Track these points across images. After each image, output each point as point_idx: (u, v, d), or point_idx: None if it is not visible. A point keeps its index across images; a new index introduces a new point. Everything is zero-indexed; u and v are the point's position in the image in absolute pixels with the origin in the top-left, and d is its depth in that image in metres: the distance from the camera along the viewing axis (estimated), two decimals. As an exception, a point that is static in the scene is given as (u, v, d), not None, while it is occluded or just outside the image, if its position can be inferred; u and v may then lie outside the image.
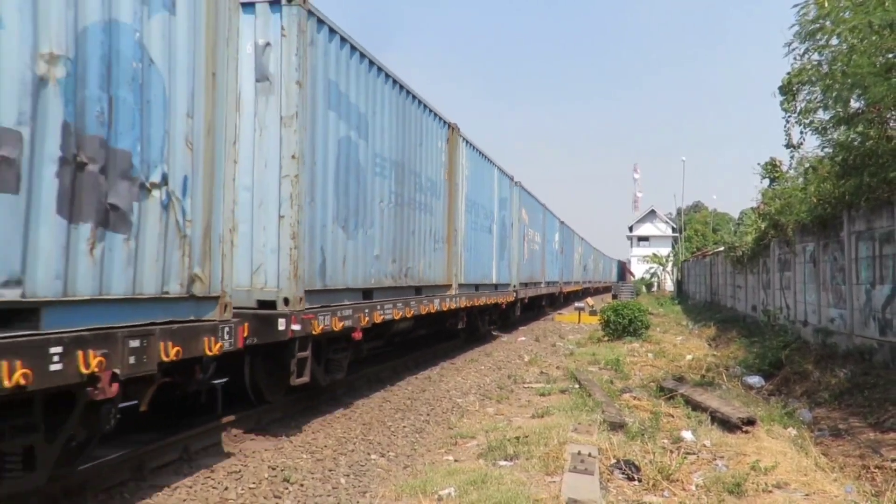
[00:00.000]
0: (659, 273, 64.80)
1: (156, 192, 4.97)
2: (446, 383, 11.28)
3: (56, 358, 3.97)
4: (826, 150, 12.17)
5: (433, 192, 11.99)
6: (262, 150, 7.20)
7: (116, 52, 4.56)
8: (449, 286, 13.06)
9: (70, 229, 4.18)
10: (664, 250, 68.64)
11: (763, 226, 18.13)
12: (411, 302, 10.66)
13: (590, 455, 5.93)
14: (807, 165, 14.10)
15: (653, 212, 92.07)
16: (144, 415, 5.57)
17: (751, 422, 7.56)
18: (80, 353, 4.13)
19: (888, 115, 9.73)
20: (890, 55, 8.65)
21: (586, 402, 8.76)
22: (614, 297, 41.78)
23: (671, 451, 6.50)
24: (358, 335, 8.73)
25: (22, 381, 3.67)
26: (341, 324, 8.06)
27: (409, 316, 10.49)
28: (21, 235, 3.85)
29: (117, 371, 4.43)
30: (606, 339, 17.49)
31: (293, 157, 7.21)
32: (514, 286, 19.57)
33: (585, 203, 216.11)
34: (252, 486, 5.81)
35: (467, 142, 14.32)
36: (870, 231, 10.58)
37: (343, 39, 8.34)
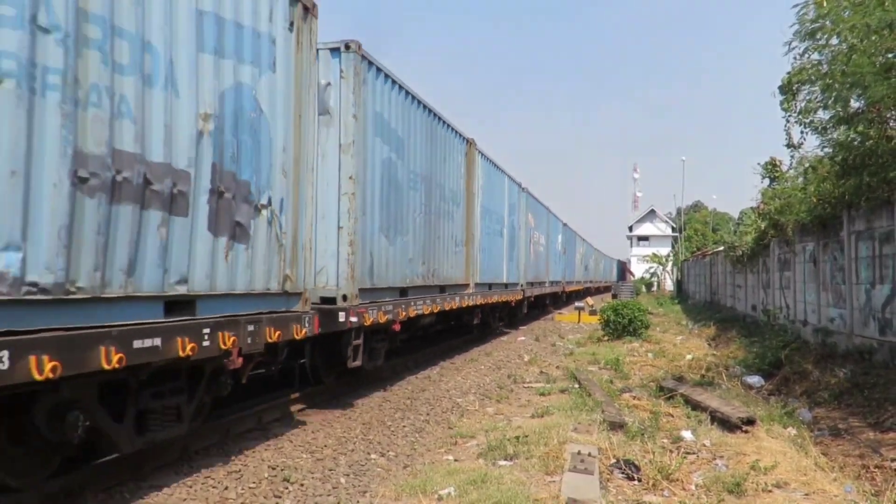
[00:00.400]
0: (659, 273, 64.81)
1: (264, 212, 6.50)
2: (446, 383, 11.29)
3: (206, 337, 5.44)
4: (826, 149, 12.17)
5: (454, 201, 13.47)
6: (323, 173, 8.40)
7: (241, 106, 6.09)
8: (467, 285, 14.52)
9: (214, 241, 5.73)
10: (664, 250, 68.71)
11: (763, 225, 18.13)
12: (437, 299, 12.07)
13: (589, 455, 5.93)
14: (807, 165, 14.09)
15: (653, 211, 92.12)
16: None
17: (750, 421, 7.57)
18: (220, 334, 5.62)
19: (888, 115, 9.73)
20: (890, 55, 8.65)
21: (586, 401, 8.76)
22: (614, 296, 41.81)
23: (671, 451, 6.50)
24: (397, 327, 10.14)
25: (190, 353, 5.21)
26: (385, 317, 9.44)
27: (435, 311, 11.99)
28: (188, 246, 5.40)
29: (241, 348, 5.94)
30: (606, 338, 17.50)
31: (350, 178, 8.65)
32: (522, 285, 20.86)
33: (585, 202, 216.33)
34: (252, 485, 5.81)
35: (482, 154, 15.74)
36: (869, 231, 10.59)
37: (386, 76, 9.78)
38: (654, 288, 65.24)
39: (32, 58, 4.01)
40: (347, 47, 8.62)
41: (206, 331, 5.45)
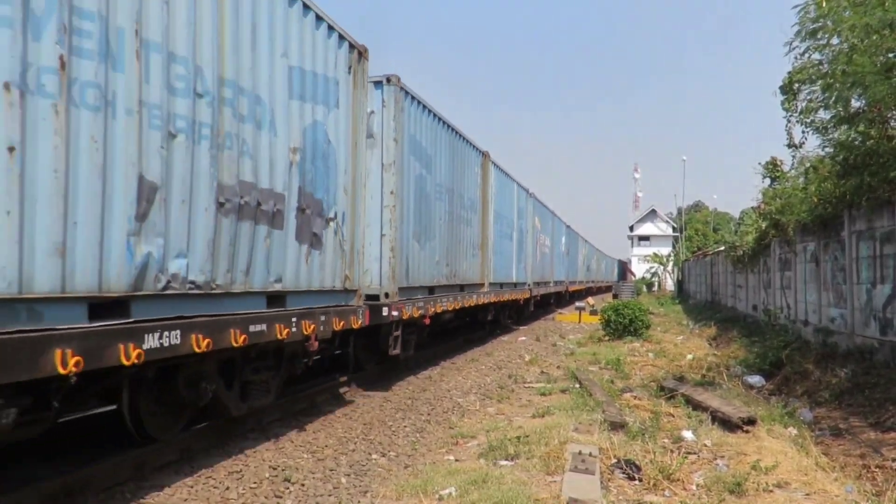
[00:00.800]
0: (659, 273, 64.76)
1: (331, 224, 8.00)
2: (447, 383, 11.29)
3: (294, 324, 6.92)
4: (827, 149, 12.17)
5: (472, 209, 14.99)
6: (369, 188, 9.42)
7: (316, 139, 7.58)
8: (482, 284, 16.03)
9: (299, 248, 7.21)
10: (665, 250, 68.63)
11: (764, 225, 18.12)
12: (458, 297, 13.59)
13: (590, 455, 5.93)
14: (807, 165, 14.08)
15: (653, 211, 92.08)
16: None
17: (751, 421, 7.56)
18: (303, 322, 7.11)
19: (889, 115, 9.73)
20: (890, 54, 8.64)
21: (587, 401, 8.76)
22: (615, 296, 41.81)
23: (672, 451, 6.50)
24: (427, 321, 11.64)
25: (285, 337, 6.70)
26: (418, 312, 10.93)
27: (457, 308, 13.54)
28: (283, 252, 6.91)
29: (317, 334, 7.40)
30: (607, 338, 17.49)
31: (391, 192, 10.06)
32: (529, 285, 22.33)
33: (586, 202, 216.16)
34: (253, 485, 5.82)
35: (495, 165, 17.17)
36: (870, 231, 10.58)
37: (419, 102, 11.19)
38: (655, 288, 65.23)
39: (193, 117, 5.51)
40: (388, 80, 10.11)
41: (294, 319, 6.96)
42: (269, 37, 6.60)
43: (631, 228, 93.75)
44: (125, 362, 4.69)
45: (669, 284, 60.23)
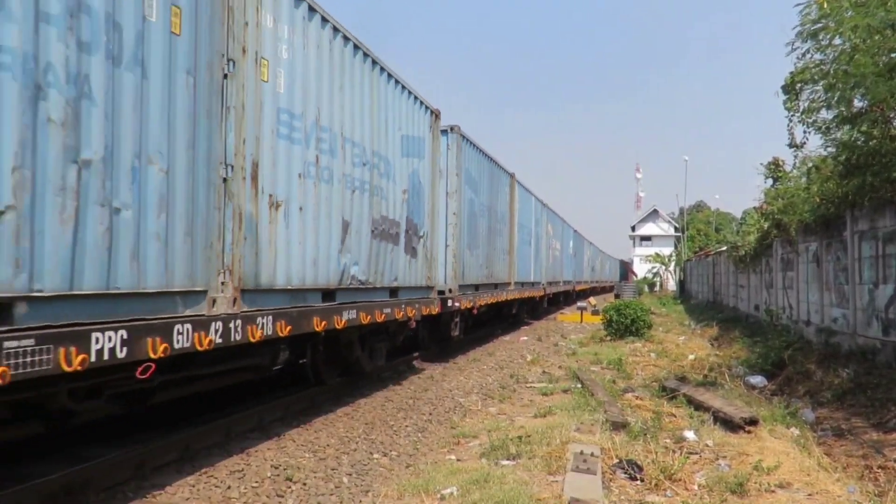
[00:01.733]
0: (661, 273, 64.70)
1: (422, 240, 11.21)
2: (448, 382, 11.29)
3: (403, 309, 10.09)
4: (829, 149, 12.14)
5: (502, 221, 18.35)
6: (438, 211, 12.42)
7: (413, 182, 10.81)
8: (509, 283, 19.29)
9: (406, 258, 10.29)
10: (667, 250, 68.57)
11: (766, 225, 18.09)
12: (494, 293, 16.99)
13: (592, 455, 5.93)
14: (810, 165, 14.06)
15: (655, 211, 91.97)
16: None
17: (753, 422, 7.55)
18: (408, 308, 10.28)
19: (891, 115, 9.71)
20: (892, 55, 8.62)
21: (588, 401, 8.76)
22: (617, 296, 41.80)
23: (673, 451, 6.49)
24: (475, 311, 14.99)
25: (400, 318, 9.98)
26: (469, 303, 14.26)
27: (493, 302, 16.88)
28: (398, 261, 10.05)
29: (414, 317, 10.72)
30: (609, 338, 17.48)
31: (454, 213, 13.41)
32: (543, 284, 25.44)
33: (588, 202, 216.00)
34: (255, 484, 5.82)
35: (519, 183, 20.64)
36: (873, 231, 10.56)
37: (470, 142, 14.60)
38: (657, 288, 65.15)
39: (362, 178, 8.80)
40: (452, 129, 13.41)
41: (404, 306, 10.17)
42: (393, 118, 9.90)
43: (633, 228, 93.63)
44: (338, 326, 7.92)
45: (671, 284, 60.19)
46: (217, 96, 5.82)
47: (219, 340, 5.65)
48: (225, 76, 5.91)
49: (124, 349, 4.60)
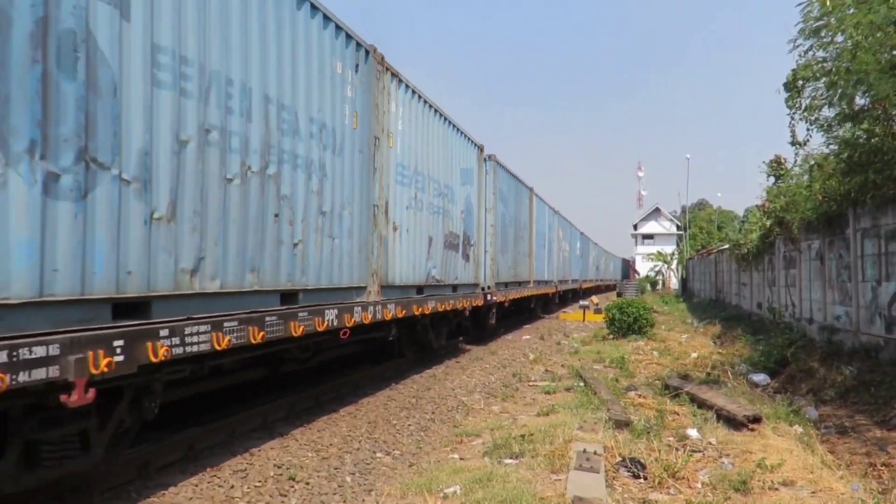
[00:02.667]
0: (663, 271, 64.61)
1: (471, 248, 14.44)
2: (451, 381, 11.29)
3: (462, 300, 13.36)
4: (831, 147, 12.13)
5: (524, 228, 21.49)
6: (479, 222, 15.43)
7: (467, 204, 14.21)
8: (529, 282, 22.37)
9: (463, 261, 13.83)
10: (669, 248, 68.43)
11: (768, 223, 18.06)
12: (518, 289, 20.22)
13: (595, 453, 5.93)
14: (812, 163, 14.04)
15: (657, 210, 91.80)
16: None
17: (756, 419, 7.55)
18: (465, 300, 13.59)
19: (893, 112, 9.70)
20: (895, 52, 8.61)
21: (591, 400, 8.76)
22: (619, 294, 41.76)
23: (677, 449, 6.50)
24: (506, 304, 18.28)
25: (459, 307, 13.24)
26: (502, 298, 17.42)
27: (518, 297, 20.22)
28: (457, 264, 13.26)
29: (467, 307, 13.86)
30: (611, 337, 17.47)
31: (492, 225, 16.43)
32: (555, 282, 28.70)
33: (590, 201, 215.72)
34: (258, 484, 5.83)
35: (537, 195, 23.89)
36: (875, 228, 10.55)
37: (503, 167, 17.78)
38: (659, 286, 65.05)
39: (439, 204, 12.13)
40: (490, 158, 16.46)
41: (461, 298, 13.17)
42: (455, 156, 13.18)
43: (635, 227, 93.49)
44: (426, 312, 11.07)
45: (673, 283, 60.11)
46: (370, 162, 8.95)
47: (371, 318, 8.68)
48: (374, 148, 9.04)
49: (336, 320, 7.63)
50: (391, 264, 9.68)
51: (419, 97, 10.90)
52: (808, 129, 11.97)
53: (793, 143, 14.10)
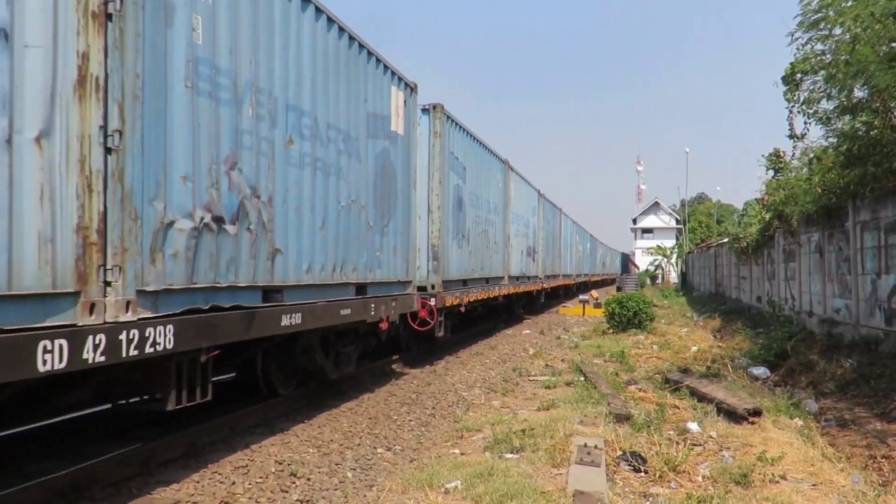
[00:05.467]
0: (663, 265, 64.61)
1: (537, 253, 24.41)
2: (451, 377, 11.30)
3: (538, 285, 24.27)
4: (830, 139, 12.12)
5: (555, 238, 29.22)
6: (538, 234, 24.70)
7: (550, 229, 28.12)
8: (559, 275, 30.17)
9: (526, 259, 22.02)
10: (668, 242, 68.41)
11: (767, 217, 18.06)
12: (558, 279, 29.54)
13: (596, 447, 5.94)
14: (811, 156, 14.04)
15: (656, 204, 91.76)
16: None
17: (757, 413, 7.56)
18: (529, 287, 22.32)
19: (892, 105, 9.69)
20: (894, 44, 8.60)
21: (592, 394, 8.76)
22: (619, 289, 41.79)
23: (677, 443, 6.50)
24: (549, 290, 26.90)
25: (527, 291, 22.69)
26: (549, 285, 26.80)
27: (560, 284, 30.42)
28: (529, 262, 22.66)
29: (537, 291, 24.67)
30: (611, 331, 17.49)
31: (541, 239, 25.45)
32: (573, 276, 36.25)
33: (589, 194, 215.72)
34: (259, 480, 5.83)
35: (564, 213, 32.91)
36: (875, 221, 10.55)
37: (545, 197, 26.38)
38: (659, 280, 65.05)
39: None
40: (541, 193, 24.83)
41: (530, 284, 22.37)
42: (523, 197, 21.37)
43: (634, 221, 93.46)
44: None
45: (673, 277, 60.13)
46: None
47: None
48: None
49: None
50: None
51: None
52: (805, 123, 12.00)
53: (791, 136, 14.10)
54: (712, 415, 7.74)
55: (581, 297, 29.68)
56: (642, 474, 5.63)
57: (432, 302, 11.48)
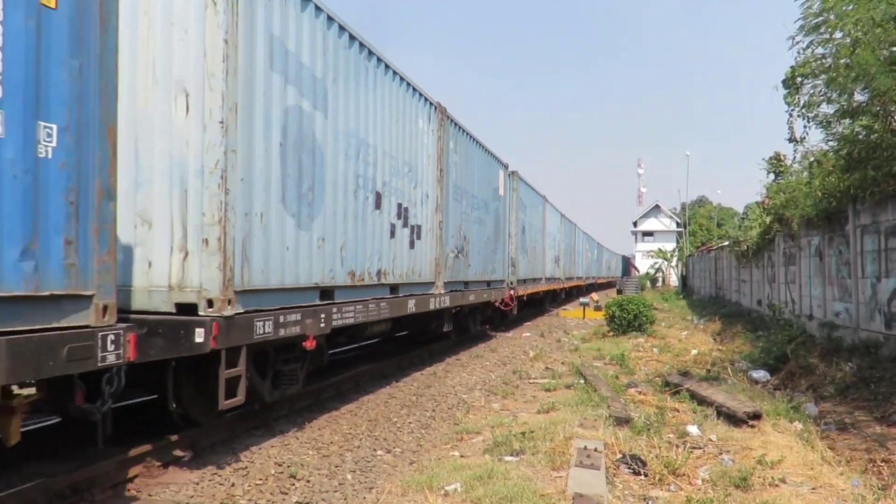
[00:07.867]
0: (663, 268, 64.62)
1: (558, 256, 30.25)
2: (451, 379, 11.30)
3: (558, 285, 30.38)
4: (830, 143, 12.13)
5: (572, 247, 34.21)
6: (545, 243, 26.87)
7: (571, 242, 35.11)
8: (573, 278, 34.40)
9: (554, 265, 28.99)
10: (669, 245, 68.43)
11: (768, 220, 18.08)
12: (571, 280, 34.30)
13: (595, 450, 5.94)
14: (811, 159, 14.04)
15: (657, 207, 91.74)
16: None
17: (756, 416, 7.56)
18: (552, 286, 28.17)
19: (893, 108, 9.70)
20: (894, 48, 8.61)
21: (592, 397, 8.76)
22: (619, 291, 41.80)
23: (677, 446, 6.50)
24: (565, 290, 33.25)
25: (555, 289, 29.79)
26: (558, 286, 30.06)
27: (569, 287, 34.73)
28: (549, 266, 27.56)
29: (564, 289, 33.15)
30: (611, 334, 17.48)
31: (561, 249, 31.33)
32: (583, 277, 41.89)
33: (589, 197, 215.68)
34: (259, 482, 5.83)
35: (577, 226, 37.87)
36: (875, 224, 10.56)
37: (568, 219, 33.86)
38: (659, 283, 65.06)
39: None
40: (564, 216, 31.68)
41: (552, 284, 27.58)
42: (553, 220, 27.42)
43: (635, 224, 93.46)
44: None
45: (673, 280, 60.13)
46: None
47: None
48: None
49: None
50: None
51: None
52: (805, 126, 11.97)
53: (791, 140, 14.10)
54: (712, 418, 7.74)
55: (581, 299, 29.57)
56: (642, 477, 5.63)
57: (512, 292, 17.96)
